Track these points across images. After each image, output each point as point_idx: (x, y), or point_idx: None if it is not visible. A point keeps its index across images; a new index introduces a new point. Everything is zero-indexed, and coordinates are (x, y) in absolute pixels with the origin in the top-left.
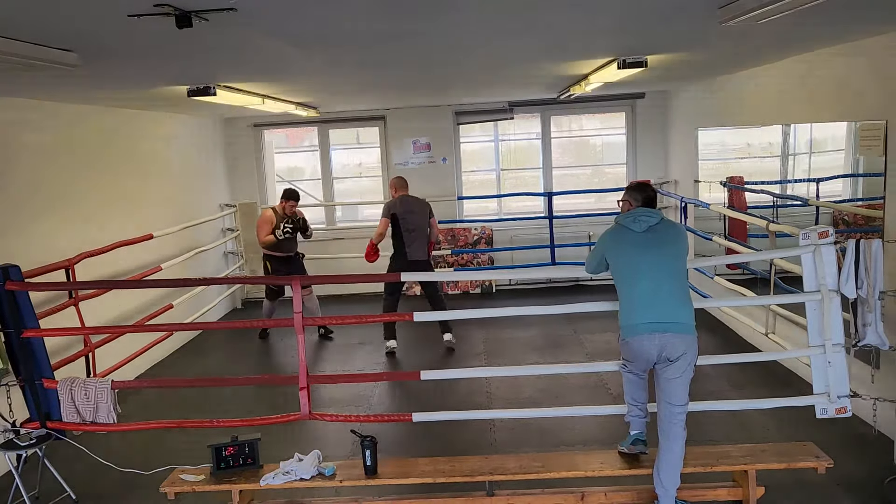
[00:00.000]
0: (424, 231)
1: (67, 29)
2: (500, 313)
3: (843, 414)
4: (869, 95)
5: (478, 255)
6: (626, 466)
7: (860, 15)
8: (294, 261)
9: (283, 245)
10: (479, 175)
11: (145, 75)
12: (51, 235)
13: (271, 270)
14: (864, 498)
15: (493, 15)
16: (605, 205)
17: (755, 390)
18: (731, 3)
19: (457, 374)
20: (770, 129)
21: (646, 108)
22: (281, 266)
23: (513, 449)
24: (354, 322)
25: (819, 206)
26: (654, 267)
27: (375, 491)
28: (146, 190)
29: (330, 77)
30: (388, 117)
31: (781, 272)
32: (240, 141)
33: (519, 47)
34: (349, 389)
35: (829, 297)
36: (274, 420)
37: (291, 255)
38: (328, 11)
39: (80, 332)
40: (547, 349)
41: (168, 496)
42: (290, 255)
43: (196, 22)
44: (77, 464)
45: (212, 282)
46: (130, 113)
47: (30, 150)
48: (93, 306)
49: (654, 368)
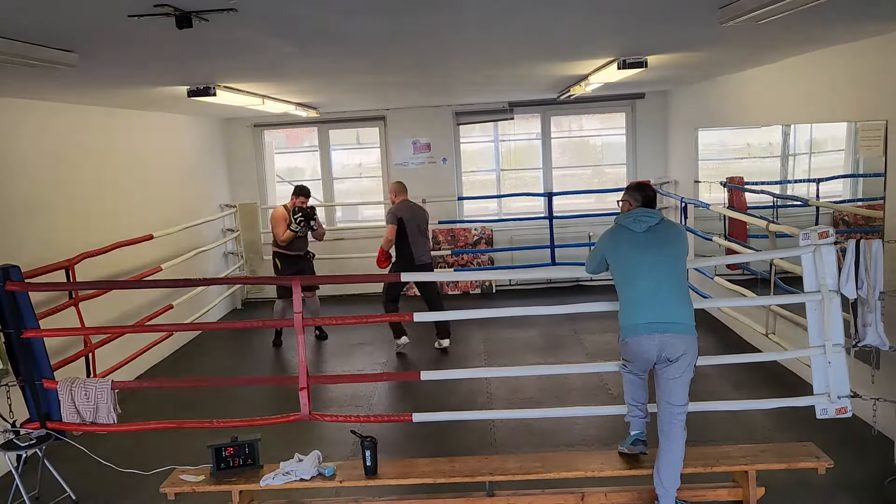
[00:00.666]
0: (427, 234)
1: (67, 29)
2: (500, 313)
3: (844, 414)
4: (869, 95)
5: (478, 256)
6: (626, 466)
7: (860, 15)
8: (303, 260)
9: (296, 243)
10: (479, 175)
11: (145, 75)
12: (51, 235)
13: (280, 268)
14: (864, 498)
15: (494, 15)
16: (605, 205)
17: (755, 391)
18: (731, 4)
19: (457, 375)
20: (770, 129)
21: (646, 108)
22: (290, 265)
23: (513, 449)
24: (354, 322)
25: (819, 207)
26: (654, 267)
27: (375, 491)
28: (146, 190)
29: (330, 77)
30: (388, 117)
31: (781, 272)
32: (240, 141)
33: (519, 47)
34: (349, 389)
35: (830, 298)
36: (274, 420)
37: (301, 255)
38: (328, 11)
39: (80, 332)
40: (547, 349)
41: (168, 496)
42: (301, 254)
43: (196, 22)
44: (77, 464)
45: (212, 282)
46: (130, 113)
47: (30, 151)
48: (93, 306)
49: (654, 368)
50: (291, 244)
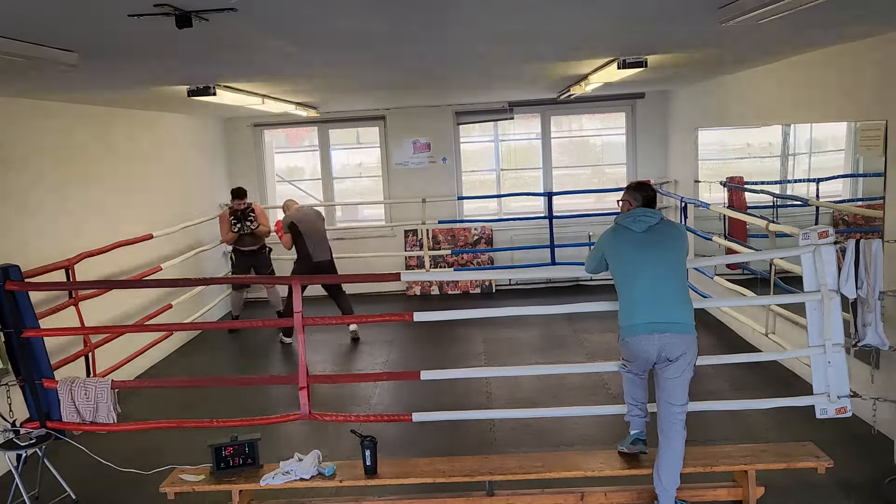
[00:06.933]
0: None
1: (67, 29)
2: (500, 313)
3: (843, 414)
4: (869, 95)
5: (478, 255)
6: (626, 466)
7: (860, 15)
8: (258, 254)
9: (244, 240)
10: (479, 175)
11: (145, 75)
12: (50, 235)
13: (235, 262)
14: (864, 498)
15: (494, 15)
16: (605, 205)
17: (755, 390)
18: (730, 4)
19: (457, 374)
20: (770, 129)
21: (646, 108)
22: (243, 259)
23: (513, 449)
24: (354, 322)
25: (819, 207)
26: (654, 267)
27: (375, 491)
28: (146, 190)
29: (330, 77)
30: (388, 117)
31: (781, 272)
32: (240, 141)
33: (519, 47)
34: (349, 389)
35: (829, 298)
36: (274, 420)
37: (254, 249)
38: (328, 11)
39: (80, 332)
40: (547, 349)
41: (168, 496)
42: (254, 248)
43: (196, 22)
44: (77, 464)
45: (212, 282)
46: (130, 113)
47: (30, 150)
48: (93, 306)
49: (653, 368)
50: (241, 240)
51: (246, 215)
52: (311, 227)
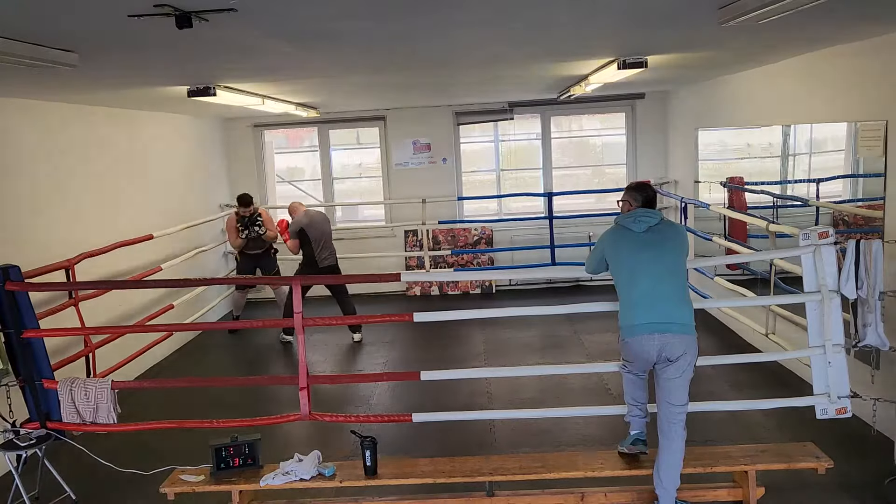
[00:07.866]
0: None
1: (67, 29)
2: (500, 313)
3: (844, 414)
4: (869, 95)
5: (478, 256)
6: (626, 466)
7: (860, 15)
8: (264, 256)
9: (249, 244)
10: (479, 175)
11: (145, 75)
12: (50, 235)
13: (239, 263)
14: (864, 498)
15: (493, 15)
16: (606, 205)
17: (755, 391)
18: (731, 4)
19: (457, 375)
20: (770, 129)
21: (646, 108)
22: (248, 261)
23: (513, 449)
24: (355, 322)
25: (819, 207)
26: (654, 267)
27: (375, 491)
28: (146, 190)
29: (330, 77)
30: (388, 117)
31: (781, 272)
32: (240, 141)
33: (519, 47)
34: (349, 390)
35: (829, 298)
36: (274, 420)
37: (260, 252)
38: (328, 11)
39: (80, 332)
40: (547, 350)
41: (168, 496)
42: (258, 251)
43: (196, 22)
44: (77, 464)
45: (212, 282)
46: (130, 113)
47: (30, 151)
48: (93, 306)
49: (653, 369)
50: (247, 245)
51: (253, 220)
52: (320, 232)
